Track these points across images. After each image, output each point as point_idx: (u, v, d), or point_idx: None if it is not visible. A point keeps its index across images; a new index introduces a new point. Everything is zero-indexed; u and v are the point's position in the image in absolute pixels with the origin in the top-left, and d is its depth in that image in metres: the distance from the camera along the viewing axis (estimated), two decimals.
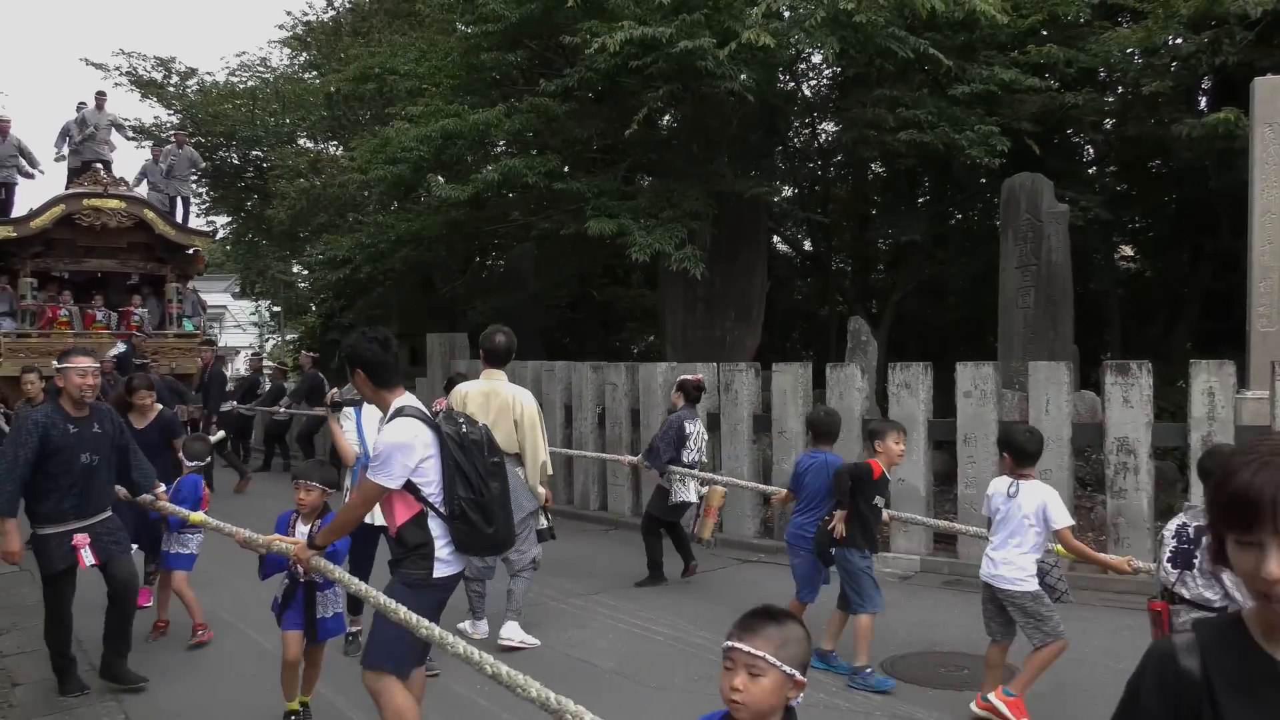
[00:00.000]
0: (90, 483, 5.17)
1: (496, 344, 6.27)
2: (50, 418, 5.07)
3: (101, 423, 5.28)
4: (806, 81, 16.49)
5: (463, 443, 3.87)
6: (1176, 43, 11.23)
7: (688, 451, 7.61)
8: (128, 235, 16.51)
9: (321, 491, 4.69)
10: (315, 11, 23.91)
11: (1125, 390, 7.32)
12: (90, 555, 5.10)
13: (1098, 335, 15.26)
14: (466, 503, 3.80)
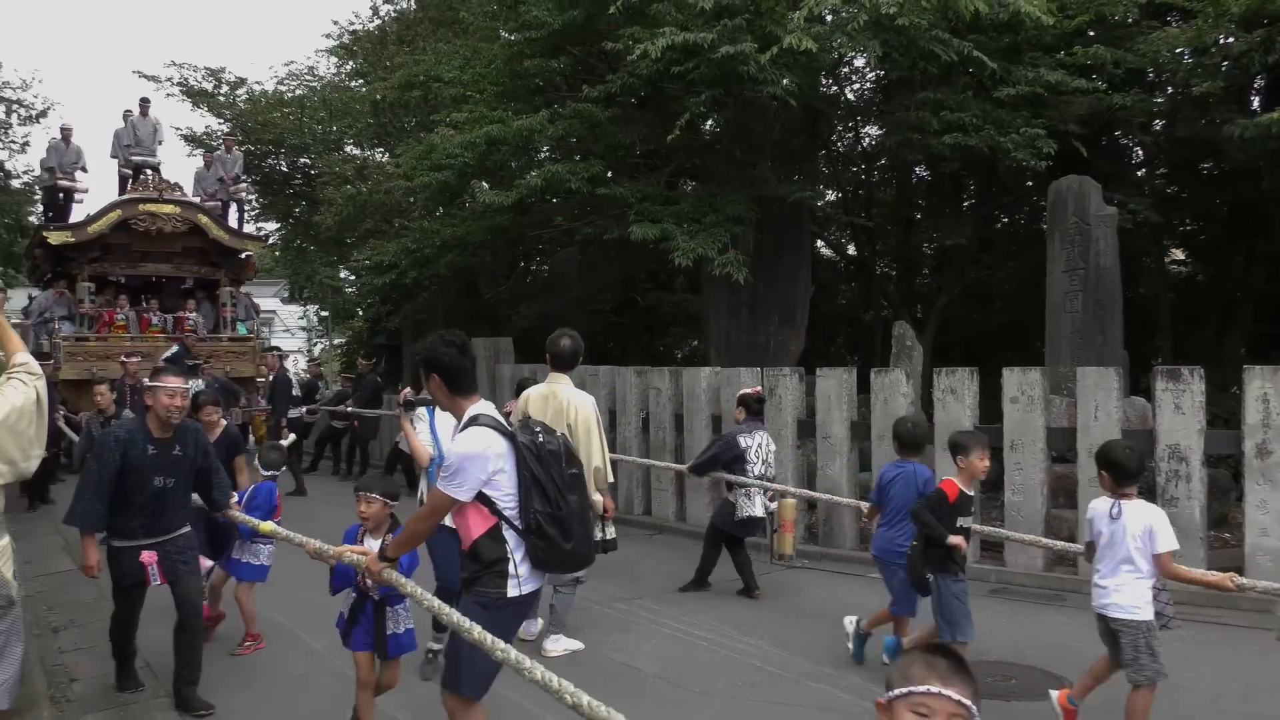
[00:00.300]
0: (162, 505, 5.07)
1: (561, 348, 6.17)
2: (131, 435, 4.99)
3: (184, 444, 5.13)
4: (849, 85, 16.42)
5: (539, 453, 3.68)
6: (1228, 41, 11.04)
7: (751, 465, 7.41)
8: (182, 240, 16.71)
9: (383, 504, 4.51)
10: (361, 21, 24.26)
11: (1176, 396, 7.21)
12: (157, 574, 5.04)
13: (1148, 340, 15.03)
14: (543, 516, 3.61)
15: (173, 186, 16.89)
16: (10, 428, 3.75)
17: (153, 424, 5.03)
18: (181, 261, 17.14)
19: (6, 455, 3.83)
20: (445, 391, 3.82)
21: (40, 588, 7.80)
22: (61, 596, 7.63)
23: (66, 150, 16.99)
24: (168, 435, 5.04)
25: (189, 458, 5.15)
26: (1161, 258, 15.47)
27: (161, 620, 5.58)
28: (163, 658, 5.90)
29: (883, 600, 5.83)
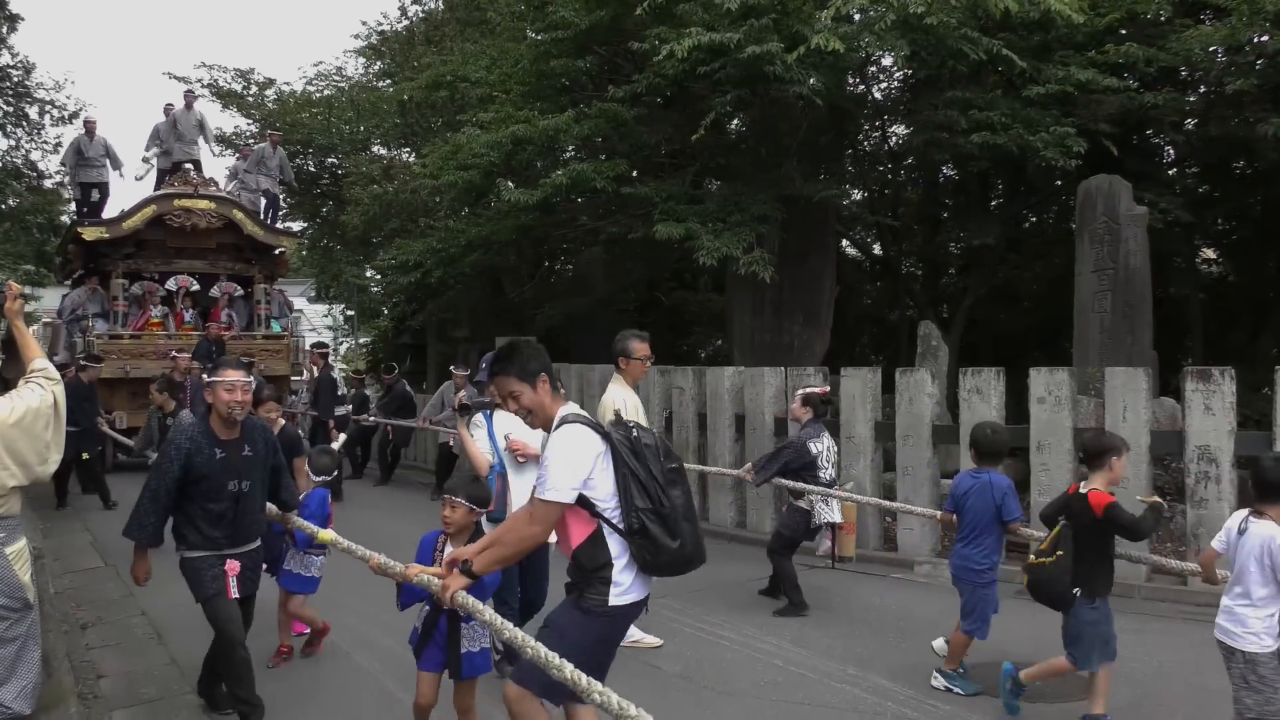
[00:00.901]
0: (241, 511, 4.72)
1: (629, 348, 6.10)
2: (195, 441, 4.60)
3: (253, 443, 4.78)
4: (876, 84, 16.35)
5: (635, 448, 3.48)
6: (1262, 40, 10.91)
7: (821, 471, 7.07)
8: (217, 236, 16.47)
9: (469, 510, 4.20)
10: (389, 21, 24.41)
11: (1207, 397, 7.12)
12: (236, 587, 4.73)
13: (1178, 341, 14.87)
14: (646, 514, 3.41)
15: (208, 182, 16.65)
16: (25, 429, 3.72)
17: (216, 424, 4.67)
18: (216, 258, 16.89)
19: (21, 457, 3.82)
20: (550, 394, 3.62)
21: (68, 585, 7.88)
22: (89, 593, 7.70)
23: (91, 144, 16.77)
24: (234, 435, 4.70)
25: (260, 456, 4.83)
26: (1192, 258, 15.30)
27: (188, 621, 5.60)
28: (189, 657, 5.95)
29: (905, 599, 5.78)
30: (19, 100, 23.69)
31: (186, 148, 17.16)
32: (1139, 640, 5.78)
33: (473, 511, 4.22)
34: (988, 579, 5.17)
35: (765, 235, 11.78)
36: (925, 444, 8.54)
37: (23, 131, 24.39)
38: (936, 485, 8.67)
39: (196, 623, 6.16)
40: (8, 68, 22.88)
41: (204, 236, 16.30)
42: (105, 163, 16.88)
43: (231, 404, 4.60)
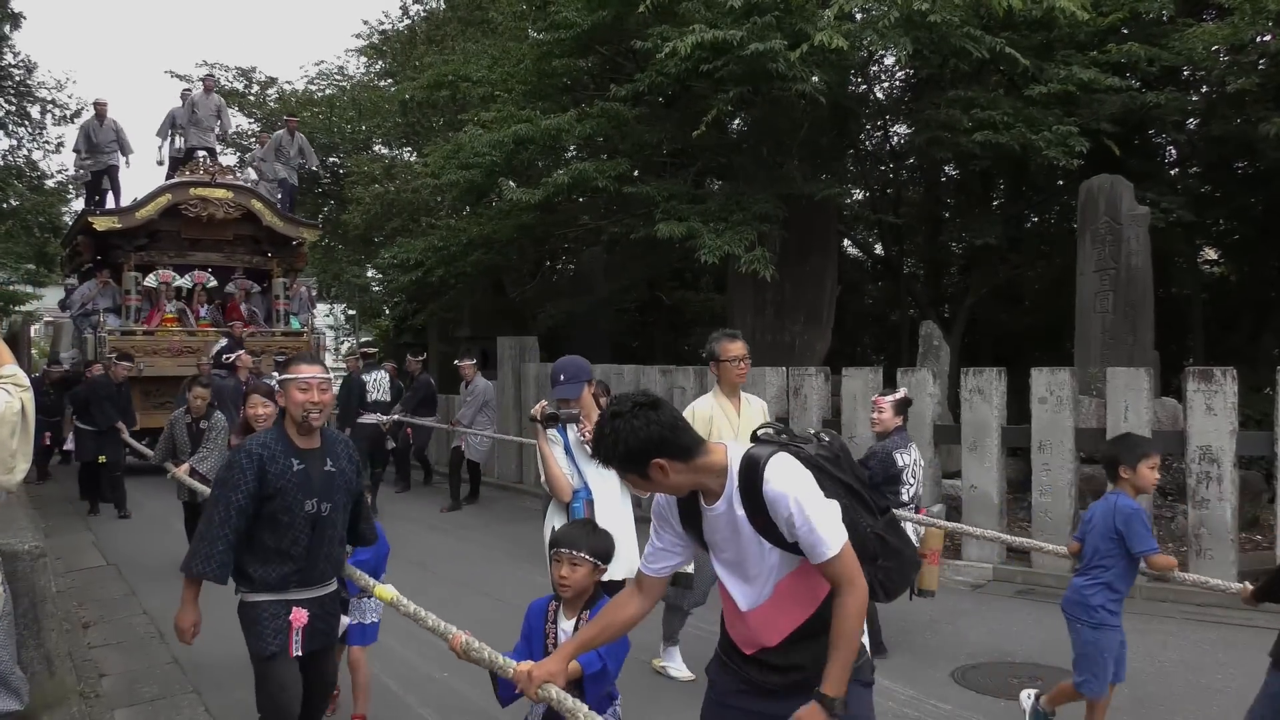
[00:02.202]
0: (317, 540, 3.75)
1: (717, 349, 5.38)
2: (269, 449, 3.68)
3: (336, 457, 3.83)
4: (879, 83, 16.35)
5: (836, 458, 2.76)
6: (1264, 39, 10.90)
7: (906, 488, 5.92)
8: (234, 227, 15.74)
9: (593, 568, 3.29)
10: (391, 21, 24.42)
11: (1208, 397, 7.11)
12: (300, 642, 3.73)
13: (1180, 341, 14.87)
14: (880, 530, 2.72)
15: (226, 170, 16.02)
16: None
17: (292, 430, 3.75)
18: (233, 250, 16.11)
19: None
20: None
21: (70, 584, 7.88)
22: (91, 593, 7.70)
23: (101, 129, 15.96)
24: (314, 444, 3.77)
25: (345, 474, 3.86)
26: (1194, 258, 15.29)
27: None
28: (191, 656, 5.94)
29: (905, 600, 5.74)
30: (21, 99, 23.68)
31: (203, 135, 16.49)
32: (1139, 640, 5.77)
33: (597, 569, 3.31)
34: (1097, 620, 4.29)
35: (767, 234, 11.78)
36: (926, 444, 8.54)
37: (24, 131, 24.40)
38: (938, 485, 8.68)
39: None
40: (10, 67, 22.88)
41: (220, 227, 15.58)
42: (116, 148, 16.11)
43: (308, 405, 3.68)
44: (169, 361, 14.36)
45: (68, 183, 25.55)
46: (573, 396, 4.54)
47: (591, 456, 2.96)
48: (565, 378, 4.55)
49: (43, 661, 4.48)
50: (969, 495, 8.22)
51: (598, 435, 2.53)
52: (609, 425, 2.49)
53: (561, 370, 4.58)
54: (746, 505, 2.50)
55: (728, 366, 5.20)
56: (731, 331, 5.36)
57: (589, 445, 4.12)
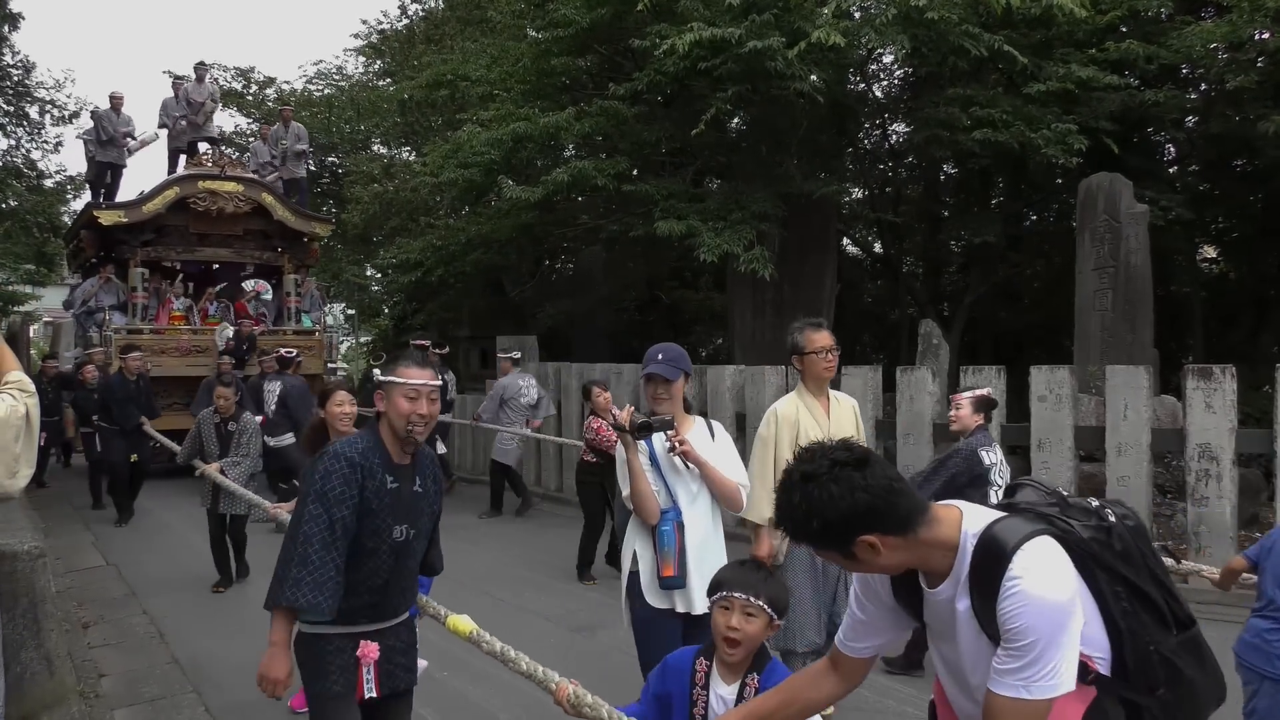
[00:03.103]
0: (399, 569, 3.23)
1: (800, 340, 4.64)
2: (368, 460, 3.10)
3: (423, 476, 3.29)
4: (878, 82, 16.35)
5: (1120, 544, 2.00)
6: (1263, 37, 10.90)
7: (993, 490, 5.28)
8: (243, 221, 15.01)
9: (769, 621, 2.66)
10: (390, 20, 24.41)
11: (1207, 395, 7.12)
12: (373, 681, 3.19)
13: (1179, 339, 14.87)
14: (1172, 649, 1.99)
15: (235, 162, 15.38)
16: None
17: (390, 441, 3.17)
18: (242, 245, 15.38)
19: None
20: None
21: (70, 584, 7.87)
22: (91, 593, 7.69)
23: (117, 120, 15.37)
24: (407, 461, 3.22)
25: (429, 497, 3.33)
26: (1193, 255, 15.29)
27: (190, 620, 5.59)
28: (191, 656, 5.96)
29: None
30: (19, 100, 23.64)
31: (202, 125, 16.04)
32: None
33: (772, 624, 2.69)
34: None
35: (766, 233, 11.78)
36: (926, 442, 8.54)
37: (23, 131, 24.36)
38: None
39: (199, 622, 6.18)
40: (8, 67, 22.84)
41: (230, 222, 14.86)
42: (128, 142, 15.65)
43: (414, 419, 3.10)
44: (178, 361, 13.88)
45: (66, 182, 25.50)
46: (671, 378, 3.80)
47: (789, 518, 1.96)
48: (664, 357, 3.84)
49: (43, 661, 4.47)
50: None
51: (784, 504, 1.95)
52: (798, 492, 1.91)
53: (661, 350, 3.89)
54: (977, 599, 1.91)
55: (814, 360, 4.48)
56: (816, 320, 4.67)
57: (679, 454, 3.78)
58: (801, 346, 4.49)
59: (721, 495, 3.85)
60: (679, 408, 3.87)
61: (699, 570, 3.67)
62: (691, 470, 3.82)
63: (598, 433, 8.10)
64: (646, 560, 3.77)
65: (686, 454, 3.78)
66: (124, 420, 10.57)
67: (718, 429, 4.00)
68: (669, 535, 3.74)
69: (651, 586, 3.71)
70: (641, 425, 3.73)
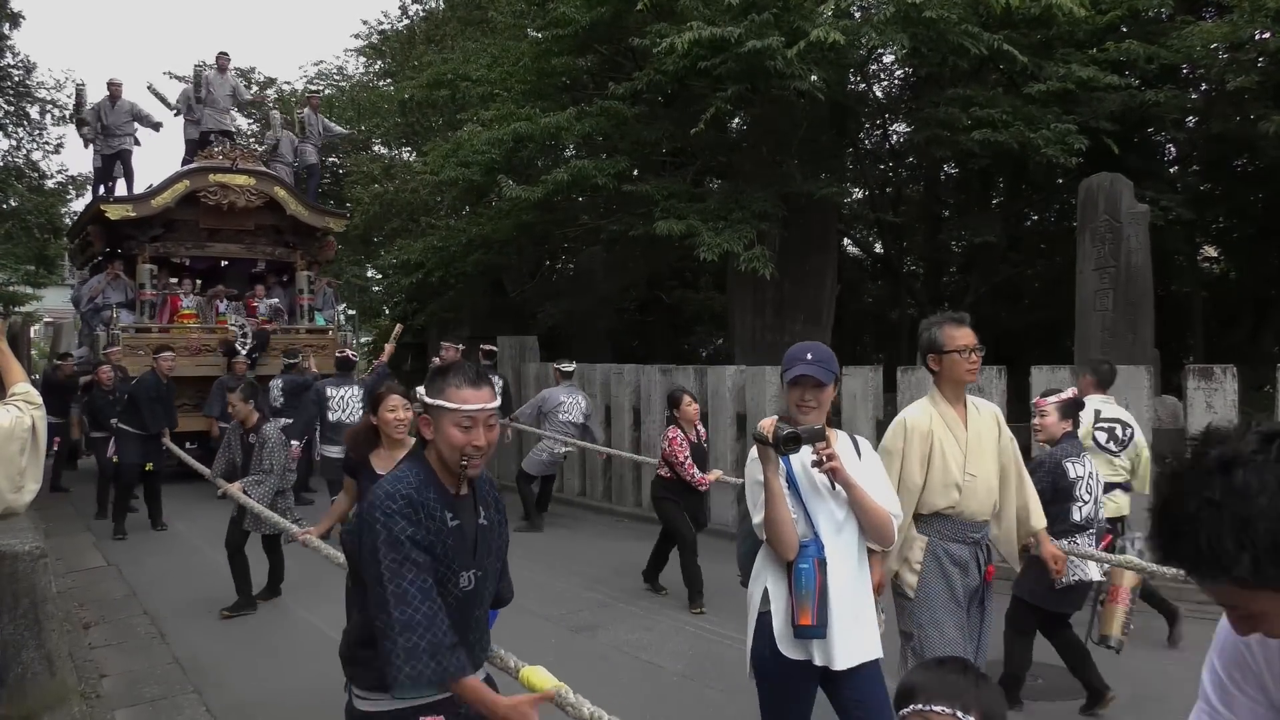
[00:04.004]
0: (467, 622, 2.66)
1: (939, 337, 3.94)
2: (424, 495, 2.56)
3: (487, 504, 2.75)
4: (878, 82, 16.35)
5: None
6: (1264, 37, 10.89)
7: (1079, 506, 4.87)
8: (255, 216, 14.58)
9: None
10: (390, 20, 24.39)
11: (1208, 395, 7.12)
12: None
13: (1180, 339, 14.87)
14: None
15: (248, 154, 14.98)
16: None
17: (441, 469, 2.62)
18: (253, 241, 14.94)
19: None
20: None
21: (70, 584, 7.88)
22: (91, 593, 7.70)
23: (114, 110, 14.85)
24: (465, 493, 2.68)
25: (496, 528, 2.79)
26: (1194, 255, 15.30)
27: (191, 620, 5.59)
28: (192, 656, 5.96)
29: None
30: (20, 100, 23.64)
31: (219, 116, 15.45)
32: (1139, 638, 5.77)
33: None
34: None
35: (766, 233, 11.78)
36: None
37: (24, 131, 24.36)
38: None
39: (199, 621, 6.18)
40: (9, 67, 22.83)
41: (241, 216, 14.41)
42: (133, 130, 15.09)
43: (469, 451, 2.55)
44: (188, 361, 13.34)
45: (67, 183, 25.49)
46: (824, 380, 3.17)
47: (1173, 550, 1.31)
48: (814, 357, 3.19)
49: (43, 661, 4.48)
50: None
51: (1181, 514, 1.26)
52: (1215, 487, 1.23)
53: (810, 349, 3.23)
54: None
55: (954, 361, 3.82)
56: (956, 315, 3.97)
57: (825, 471, 3.11)
58: (940, 344, 3.83)
59: (870, 526, 3.21)
60: (825, 418, 3.22)
61: (843, 617, 3.11)
62: (838, 494, 3.18)
63: (671, 444, 7.21)
64: (780, 601, 3.14)
65: (835, 472, 3.10)
66: (153, 422, 10.11)
67: (864, 445, 3.38)
68: (808, 574, 3.09)
69: (785, 634, 3.11)
70: (789, 437, 2.99)
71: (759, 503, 3.14)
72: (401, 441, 4.53)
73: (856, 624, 3.16)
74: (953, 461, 3.80)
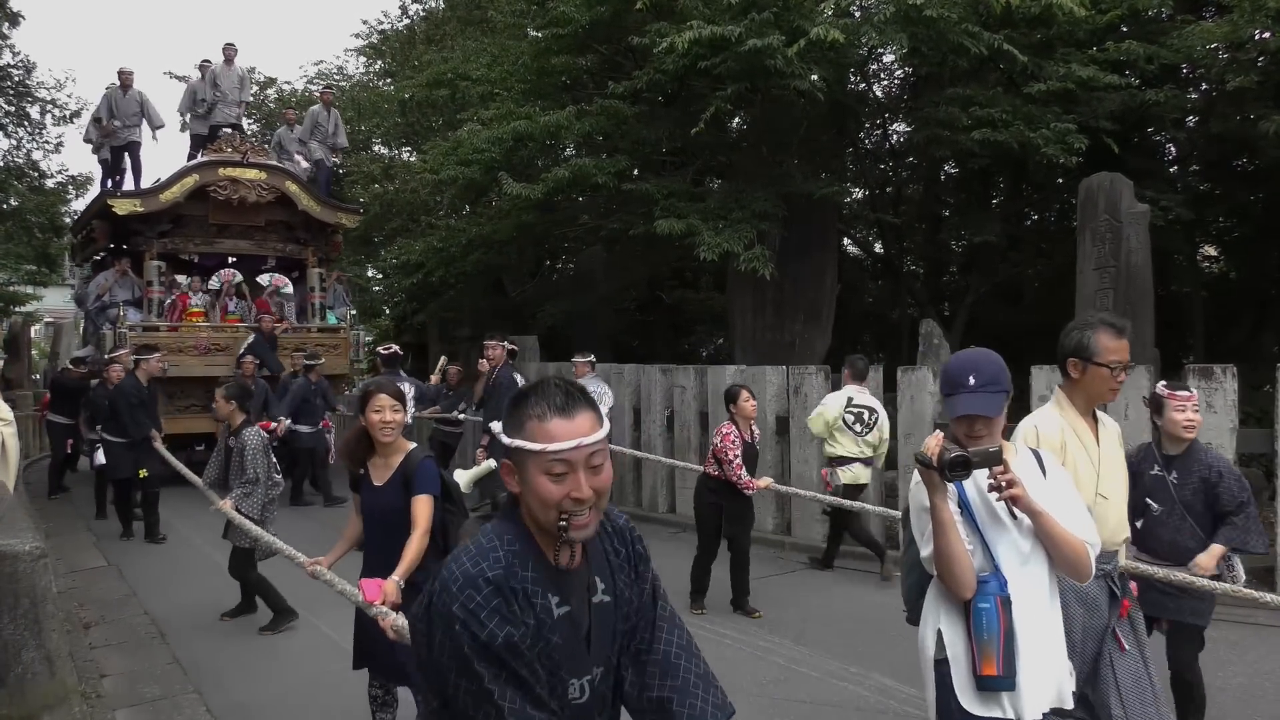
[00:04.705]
0: None
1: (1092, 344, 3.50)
2: (515, 574, 1.85)
3: (609, 569, 2.04)
4: (878, 81, 16.35)
5: None
6: (1264, 36, 10.88)
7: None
8: (266, 212, 14.23)
9: None
10: (390, 20, 24.41)
11: (1208, 395, 7.12)
12: None
13: (1180, 338, 14.86)
14: None
15: (259, 148, 14.57)
16: None
17: (541, 535, 1.91)
18: (264, 237, 14.55)
19: None
20: None
21: (71, 584, 7.89)
22: (92, 593, 7.71)
23: (125, 99, 14.47)
24: (576, 564, 1.95)
25: (621, 601, 2.04)
26: (1194, 255, 15.29)
27: (191, 621, 5.60)
28: (192, 656, 5.96)
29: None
30: (20, 99, 23.64)
31: (228, 109, 15.18)
32: None
33: None
34: None
35: (766, 233, 11.78)
36: None
37: (24, 131, 24.36)
38: None
39: (199, 622, 6.18)
40: (9, 67, 22.83)
41: (251, 212, 14.05)
42: (139, 121, 14.72)
43: (568, 506, 1.85)
44: (196, 360, 13.19)
45: (67, 182, 25.50)
46: (990, 414, 2.69)
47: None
48: (977, 381, 2.70)
49: (44, 661, 4.47)
50: None
51: None
52: None
53: (973, 369, 2.72)
54: None
55: (1101, 376, 3.35)
56: (1117, 321, 3.43)
57: (1005, 499, 2.65)
58: (1090, 351, 3.34)
59: (1062, 559, 2.72)
60: (999, 435, 2.75)
61: (1034, 664, 2.67)
62: (1021, 521, 2.72)
63: (724, 439, 6.97)
64: (958, 647, 2.73)
65: (1016, 500, 2.64)
66: (135, 429, 9.81)
67: (1048, 460, 2.89)
68: (989, 615, 2.64)
69: (967, 685, 2.69)
70: (957, 462, 2.56)
71: (926, 533, 2.72)
72: (393, 446, 4.17)
73: (1049, 671, 2.71)
74: (1084, 480, 3.31)
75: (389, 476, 4.14)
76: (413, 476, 4.08)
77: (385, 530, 4.09)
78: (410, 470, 4.09)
